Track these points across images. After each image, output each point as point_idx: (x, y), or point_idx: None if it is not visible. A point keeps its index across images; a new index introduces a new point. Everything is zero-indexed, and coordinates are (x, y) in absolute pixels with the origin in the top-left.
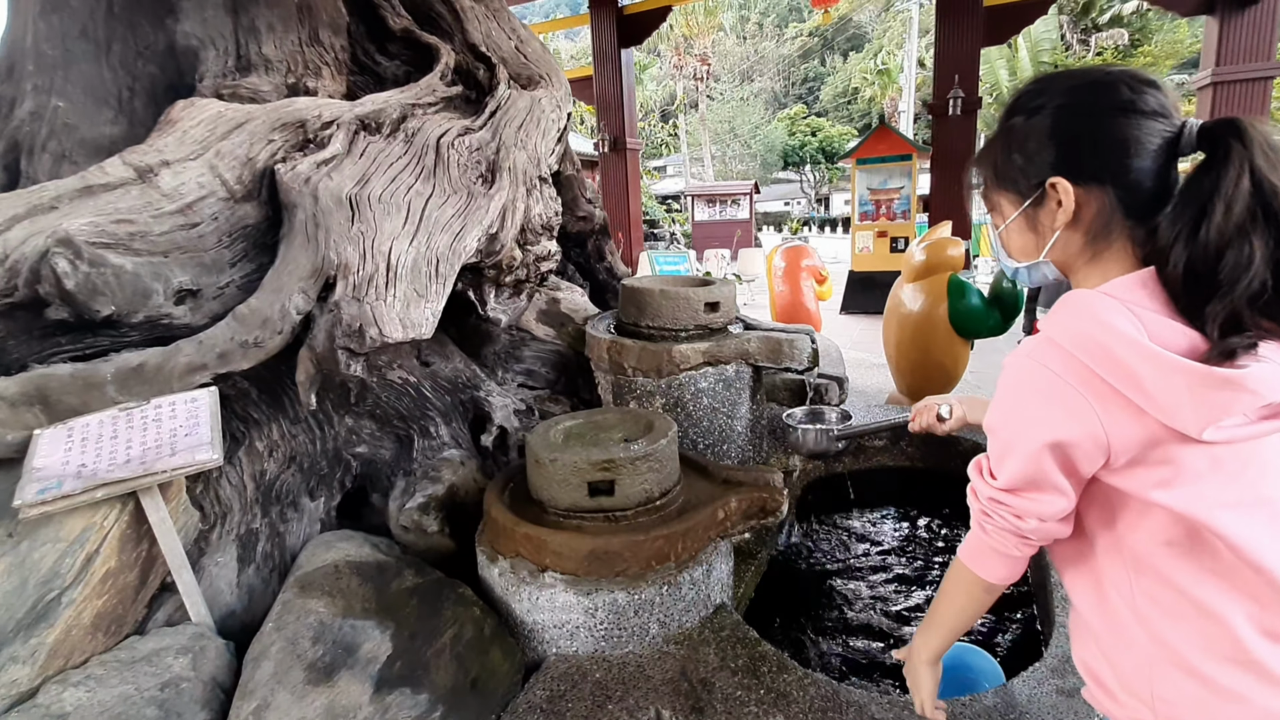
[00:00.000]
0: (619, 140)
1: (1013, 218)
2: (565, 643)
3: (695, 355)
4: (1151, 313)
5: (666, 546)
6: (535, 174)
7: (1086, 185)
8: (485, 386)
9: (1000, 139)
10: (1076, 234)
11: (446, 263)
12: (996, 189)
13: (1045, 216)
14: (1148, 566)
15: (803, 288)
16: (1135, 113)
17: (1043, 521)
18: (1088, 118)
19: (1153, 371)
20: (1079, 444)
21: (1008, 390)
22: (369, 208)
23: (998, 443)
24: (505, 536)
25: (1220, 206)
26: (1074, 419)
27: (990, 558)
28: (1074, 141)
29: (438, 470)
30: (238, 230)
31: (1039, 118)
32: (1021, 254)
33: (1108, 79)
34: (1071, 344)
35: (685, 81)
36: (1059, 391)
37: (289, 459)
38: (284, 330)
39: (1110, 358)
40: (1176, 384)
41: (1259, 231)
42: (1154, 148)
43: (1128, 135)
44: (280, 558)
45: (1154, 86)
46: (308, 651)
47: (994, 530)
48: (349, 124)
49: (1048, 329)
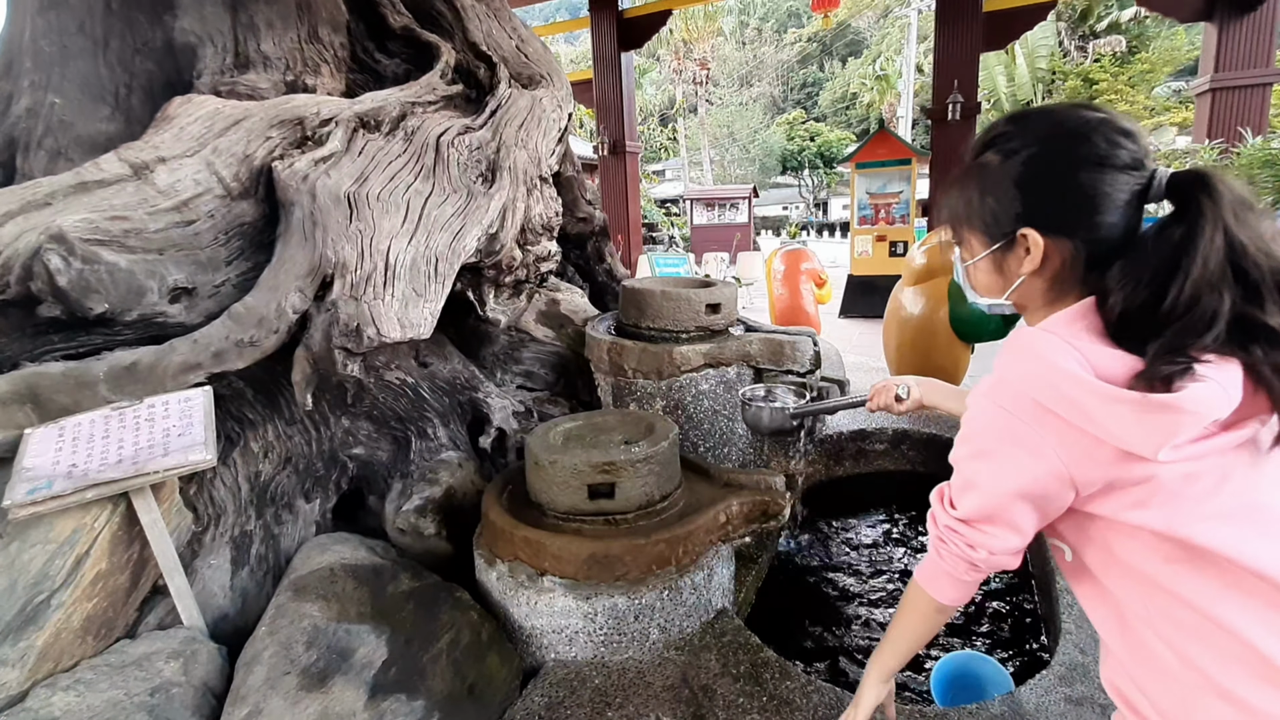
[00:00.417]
0: (618, 143)
1: (980, 257)
2: (564, 648)
3: (696, 357)
4: (1090, 343)
5: (667, 550)
6: (536, 174)
7: (1055, 237)
8: (484, 388)
9: (973, 176)
10: (1040, 280)
11: (446, 262)
12: (966, 226)
13: (1012, 261)
14: (1158, 586)
15: (802, 291)
16: (1109, 167)
17: (992, 554)
18: (1061, 171)
19: (1099, 404)
20: (1044, 484)
21: (970, 431)
22: (367, 206)
23: (961, 478)
24: (503, 540)
25: (1198, 263)
26: (1035, 459)
27: (943, 580)
28: (1045, 194)
29: (435, 472)
30: (234, 228)
31: (1013, 162)
32: (985, 291)
33: (1084, 129)
34: (1022, 383)
35: (685, 86)
36: (1016, 432)
37: (284, 460)
38: (280, 329)
39: (1059, 393)
40: (1122, 413)
41: (1228, 286)
42: (1124, 202)
43: (1099, 191)
44: (274, 560)
45: (1129, 136)
46: (301, 656)
47: (948, 555)
48: (348, 121)
49: (1000, 370)
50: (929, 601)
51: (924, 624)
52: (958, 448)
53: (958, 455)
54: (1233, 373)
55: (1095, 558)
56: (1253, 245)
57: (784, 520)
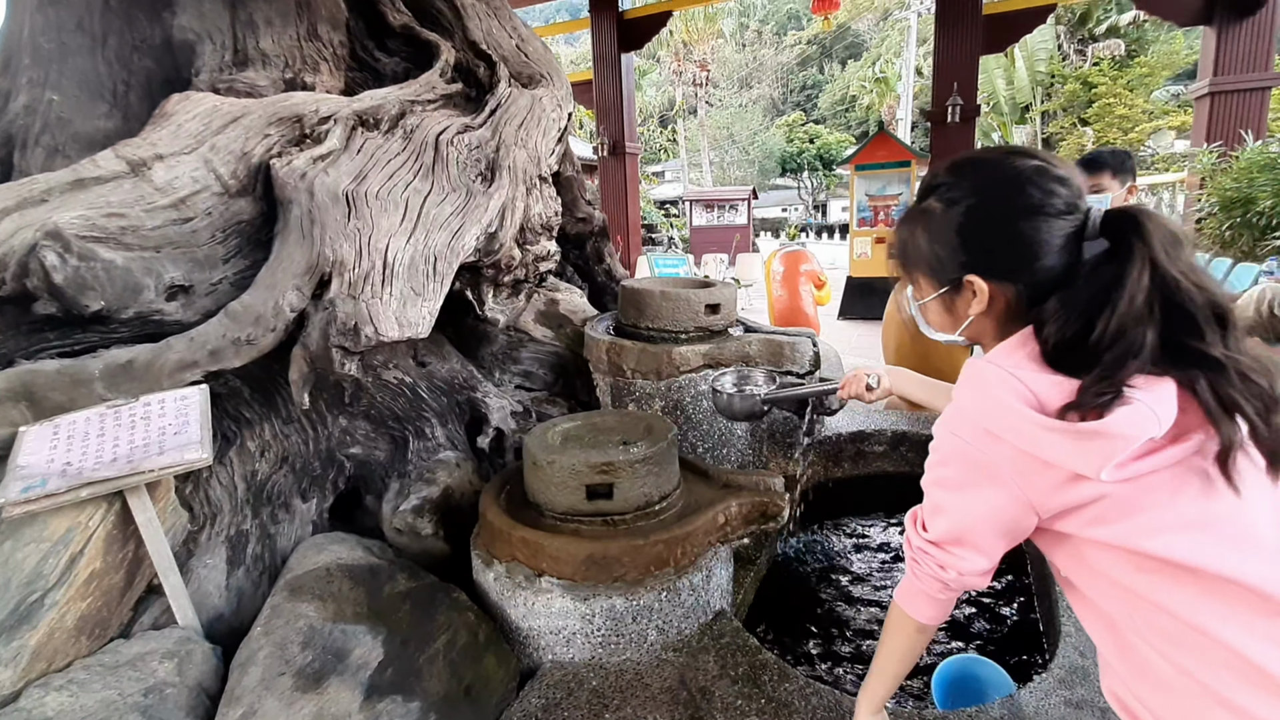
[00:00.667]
0: (618, 144)
1: (930, 298)
2: (561, 649)
3: (695, 357)
4: (1031, 371)
5: (666, 551)
6: (535, 173)
7: (999, 282)
8: (482, 388)
9: (920, 221)
10: (989, 318)
11: (444, 261)
12: (915, 269)
13: (961, 304)
14: (1138, 596)
15: (801, 292)
16: (1045, 215)
17: (961, 575)
18: (1001, 221)
19: (1040, 433)
20: (1005, 508)
21: (934, 459)
22: (366, 204)
23: (930, 502)
24: (501, 540)
25: (1124, 299)
26: (993, 485)
27: (920, 599)
28: (987, 243)
29: (433, 472)
30: (232, 226)
31: (954, 212)
32: (939, 328)
33: (1020, 179)
34: (973, 413)
35: (684, 87)
36: (973, 459)
37: (281, 459)
38: (277, 328)
39: (1005, 423)
40: (1058, 440)
41: (1153, 321)
42: (1060, 245)
43: (1037, 239)
44: (270, 560)
45: (1063, 183)
46: (296, 657)
47: (922, 575)
48: (347, 119)
49: (956, 400)
50: (909, 621)
51: (907, 644)
52: (926, 473)
53: (926, 481)
54: (1164, 392)
55: (1077, 572)
56: (1185, 280)
57: (783, 522)
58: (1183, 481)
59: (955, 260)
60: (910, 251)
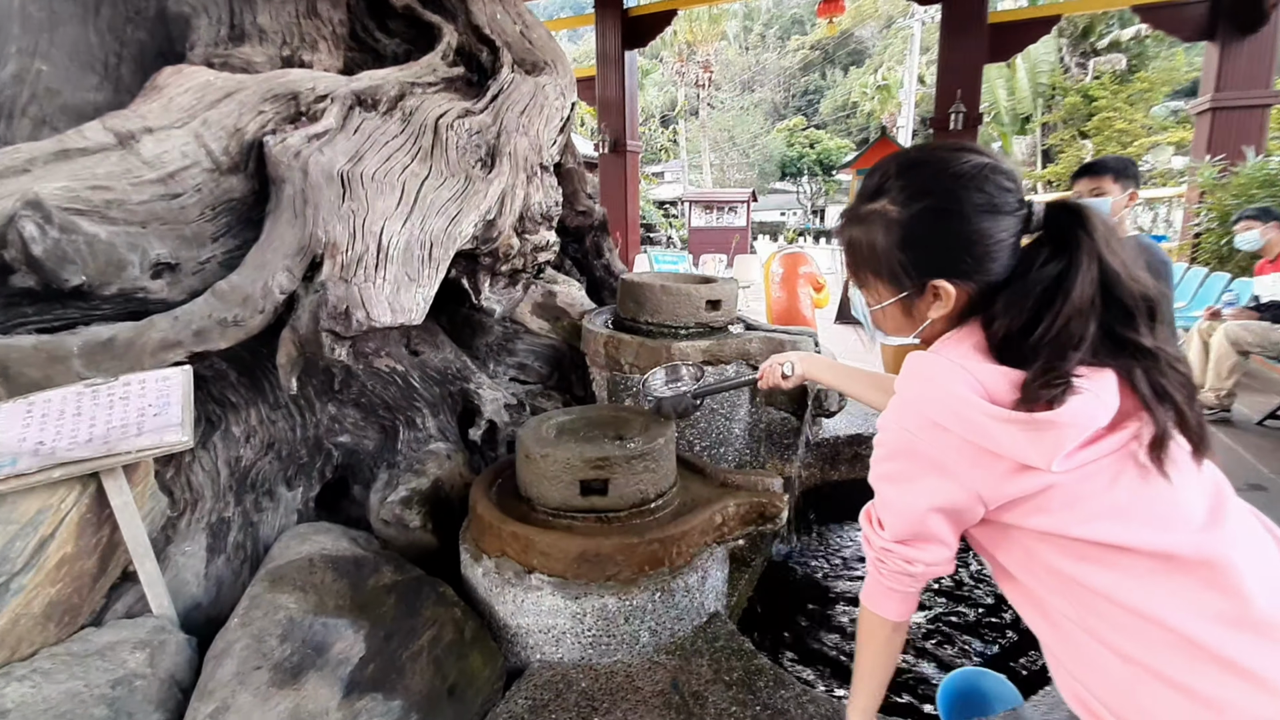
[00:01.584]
0: (619, 142)
1: (888, 303)
2: (550, 649)
3: (694, 354)
4: (977, 362)
5: (661, 551)
6: (536, 161)
7: (960, 282)
8: (475, 378)
9: (873, 224)
10: (944, 320)
11: (441, 247)
12: (870, 273)
13: (922, 306)
14: (1078, 584)
15: (799, 294)
16: (1000, 213)
17: (928, 566)
18: (960, 222)
19: (991, 424)
20: (954, 499)
21: (881, 454)
22: (361, 186)
23: (881, 499)
24: (490, 534)
25: (1074, 294)
26: (941, 476)
27: (889, 598)
28: (948, 245)
29: (422, 463)
30: (222, 203)
31: (911, 214)
32: (895, 332)
33: (976, 177)
34: (919, 405)
35: (687, 88)
36: (920, 451)
37: (266, 445)
38: (266, 309)
39: (953, 414)
40: (1012, 431)
41: (1095, 313)
42: (1012, 243)
43: (995, 238)
44: (252, 549)
45: (1012, 179)
46: (274, 650)
47: (888, 573)
48: (344, 99)
49: (899, 393)
50: (882, 624)
51: (884, 648)
52: (873, 469)
53: (874, 476)
54: (1107, 381)
55: (1015, 561)
56: (1124, 273)
57: (781, 523)
58: (1119, 468)
59: (918, 264)
60: (864, 255)
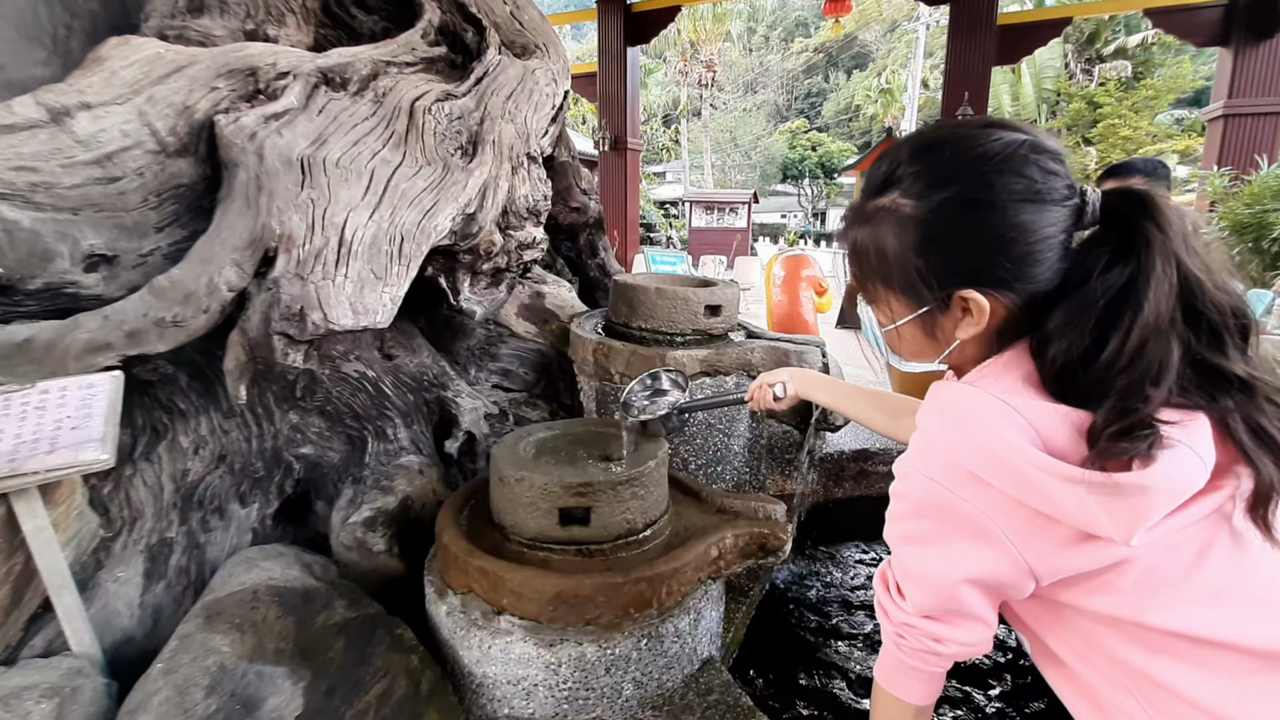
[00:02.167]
0: (620, 140)
1: (904, 321)
2: (520, 703)
3: (692, 363)
4: (1027, 399)
5: (649, 590)
6: (523, 151)
7: (994, 293)
8: (454, 386)
9: (882, 223)
10: (978, 342)
11: (413, 242)
12: (881, 284)
13: (947, 324)
14: (1151, 683)
15: (801, 298)
16: (1044, 203)
17: (963, 646)
18: (995, 215)
19: (1054, 484)
20: (997, 572)
21: (901, 509)
22: (323, 172)
23: (900, 565)
24: (456, 568)
25: (1147, 307)
26: (981, 543)
27: (910, 677)
28: (978, 246)
29: (391, 479)
30: (168, 189)
31: (932, 208)
32: (913, 357)
33: (1012, 158)
34: (954, 452)
35: (690, 88)
36: (953, 511)
37: (218, 458)
38: (211, 309)
39: (1004, 468)
40: (1081, 496)
41: (1177, 333)
42: (1061, 240)
43: (1038, 234)
44: (198, 573)
45: (1059, 160)
46: (198, 706)
47: (910, 651)
48: (308, 76)
49: (927, 434)
50: (901, 708)
51: None
52: (890, 526)
53: (893, 535)
54: (1201, 430)
55: (1069, 647)
56: (1209, 281)
57: (784, 556)
58: (1210, 536)
59: (940, 271)
60: (872, 262)
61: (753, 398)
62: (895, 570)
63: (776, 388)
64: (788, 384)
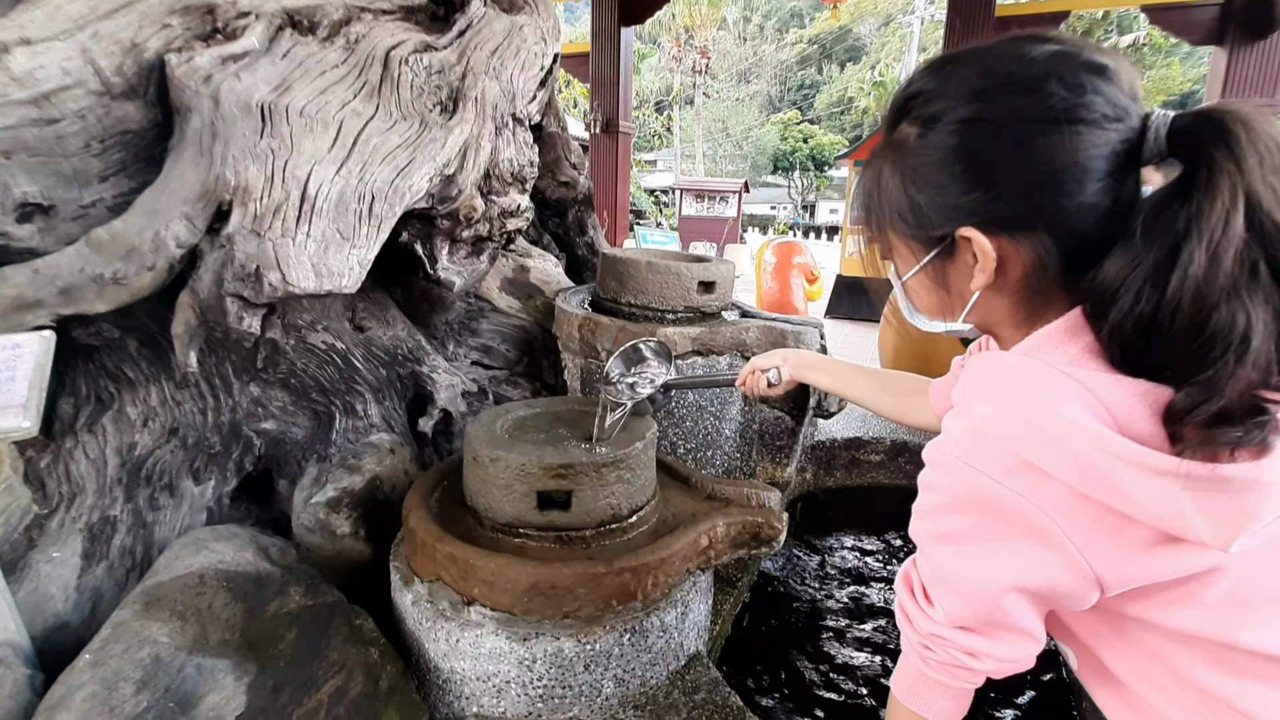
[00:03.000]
0: (612, 122)
1: (913, 272)
2: (490, 700)
3: (684, 341)
4: (1093, 372)
5: (633, 582)
6: (508, 111)
7: (1011, 235)
8: (430, 361)
9: (888, 158)
10: (1003, 294)
11: (385, 202)
12: (890, 228)
13: (957, 274)
14: (1235, 713)
15: (792, 285)
16: (1075, 123)
17: (1001, 662)
18: (1007, 139)
19: (1133, 475)
20: (1051, 581)
21: (934, 503)
22: (285, 121)
23: (930, 567)
24: (424, 553)
25: (1200, 257)
26: (1038, 549)
27: (935, 693)
28: (987, 176)
29: (359, 457)
30: (113, 135)
31: (937, 135)
32: (932, 314)
33: (1034, 72)
34: (1005, 436)
35: (683, 75)
36: (1009, 510)
37: (169, 431)
38: (158, 266)
39: (1072, 458)
40: (1171, 491)
41: (1258, 292)
42: (1104, 169)
43: (1065, 160)
44: (145, 555)
45: (1102, 73)
46: (126, 703)
47: (937, 665)
48: (272, 16)
49: (969, 414)
50: None
51: None
52: (920, 522)
53: (922, 533)
54: None
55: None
56: None
57: (779, 546)
58: None
59: (940, 208)
60: (880, 205)
61: (744, 383)
62: (924, 573)
63: (770, 373)
64: (783, 367)
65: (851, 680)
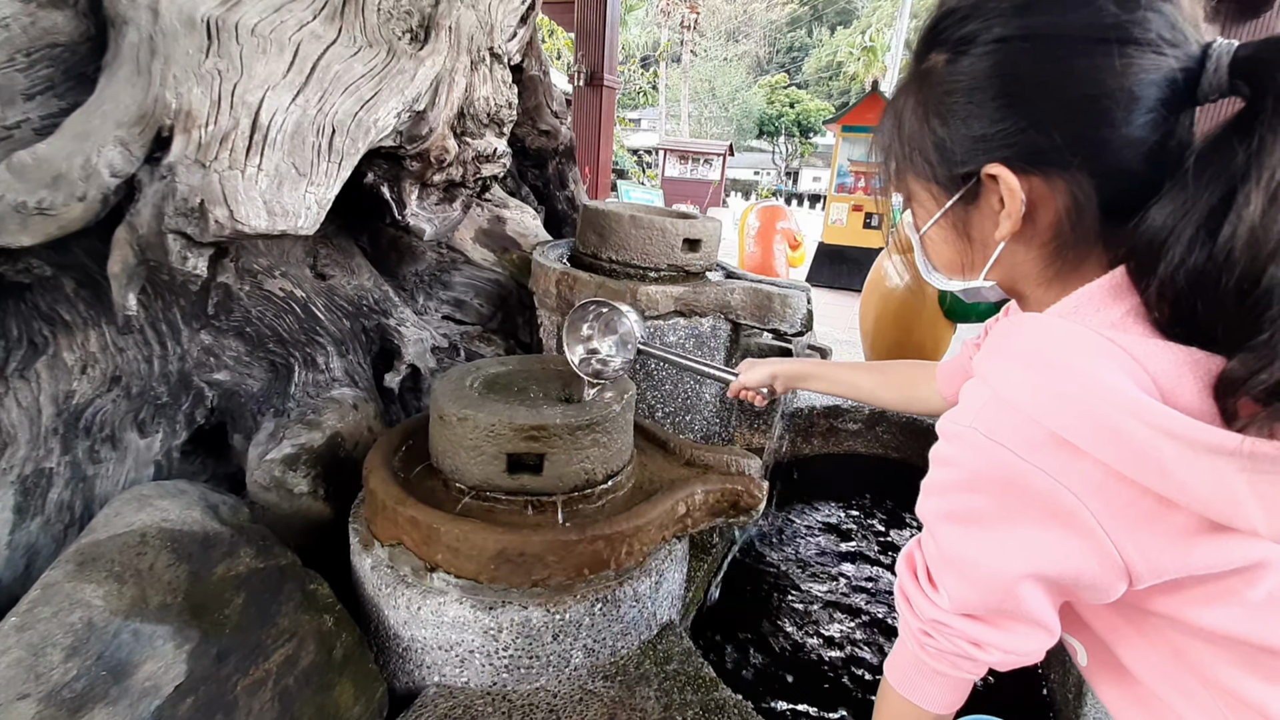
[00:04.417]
0: (597, 74)
1: (934, 220)
2: (452, 670)
3: (666, 300)
4: (1138, 338)
5: (607, 550)
6: (485, 45)
7: (1045, 173)
8: (398, 314)
9: (913, 91)
10: (1031, 246)
11: (346, 136)
12: (910, 171)
13: (981, 221)
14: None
15: (775, 250)
16: (1127, 43)
17: (1007, 654)
18: (1048, 59)
19: (1181, 454)
20: (1075, 569)
21: (948, 478)
22: (235, 40)
23: (938, 549)
24: (385, 516)
25: (1259, 199)
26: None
27: (932, 682)
28: (1021, 102)
29: (319, 412)
30: (40, 49)
31: (970, 59)
32: (951, 269)
33: None
34: (1041, 411)
35: (671, 30)
36: (1033, 490)
37: (110, 379)
38: (89, 196)
39: (1109, 433)
40: (1223, 472)
41: None
42: (1155, 99)
43: (1112, 85)
44: (85, 510)
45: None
46: (54, 670)
47: (937, 653)
48: None
49: (996, 384)
50: (917, 715)
51: None
52: (929, 499)
53: (930, 511)
54: None
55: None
56: None
57: (758, 515)
58: None
59: (966, 140)
60: (900, 146)
61: (737, 393)
62: (929, 554)
63: (764, 390)
64: (778, 379)
65: (826, 646)
